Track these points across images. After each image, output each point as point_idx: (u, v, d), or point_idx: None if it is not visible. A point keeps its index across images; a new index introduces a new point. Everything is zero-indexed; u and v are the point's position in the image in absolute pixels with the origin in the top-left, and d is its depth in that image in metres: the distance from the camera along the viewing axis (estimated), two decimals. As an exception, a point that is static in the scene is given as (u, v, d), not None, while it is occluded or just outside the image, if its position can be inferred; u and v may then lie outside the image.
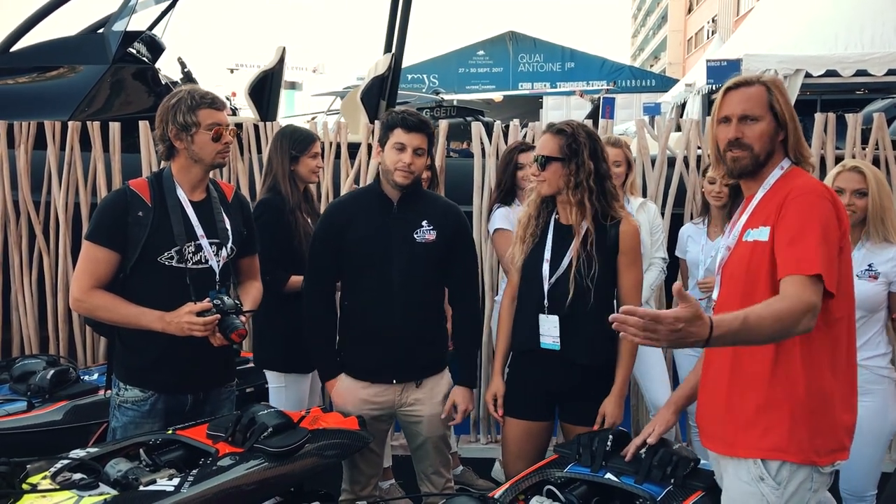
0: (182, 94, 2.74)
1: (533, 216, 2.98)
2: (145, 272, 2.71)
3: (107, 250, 2.69)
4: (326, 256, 3.02)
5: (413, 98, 16.07)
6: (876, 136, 4.59)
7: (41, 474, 2.27)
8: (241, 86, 7.04)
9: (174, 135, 2.73)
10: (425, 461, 3.14)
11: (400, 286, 2.92)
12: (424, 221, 2.98)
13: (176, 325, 2.62)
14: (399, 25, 6.36)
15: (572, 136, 2.85)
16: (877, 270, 3.10)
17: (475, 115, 13.33)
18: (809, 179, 2.15)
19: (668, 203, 4.66)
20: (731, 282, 2.22)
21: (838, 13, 10.48)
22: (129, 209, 2.70)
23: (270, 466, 2.45)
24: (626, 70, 24.88)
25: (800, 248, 1.98)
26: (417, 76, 23.03)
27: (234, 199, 2.97)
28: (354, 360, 3.06)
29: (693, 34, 45.72)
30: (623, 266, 2.89)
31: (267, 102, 6.48)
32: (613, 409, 2.84)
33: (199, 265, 2.76)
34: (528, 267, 2.95)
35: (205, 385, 2.86)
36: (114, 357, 2.88)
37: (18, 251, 4.92)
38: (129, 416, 2.75)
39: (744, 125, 2.17)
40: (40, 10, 5.78)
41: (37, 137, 4.92)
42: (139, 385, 2.76)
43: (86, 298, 2.69)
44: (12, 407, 3.34)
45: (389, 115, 2.97)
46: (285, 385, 3.51)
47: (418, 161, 2.93)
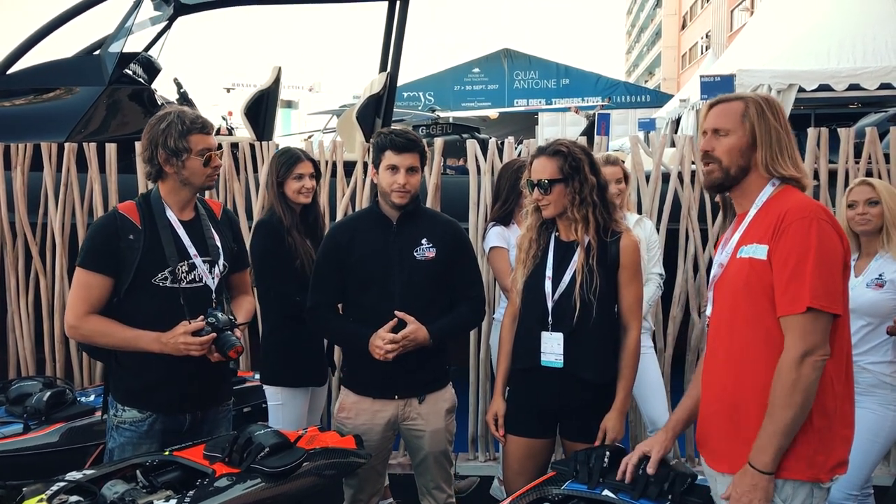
0: (171, 119, 2.71)
1: (534, 239, 2.99)
2: (140, 295, 2.70)
3: (100, 276, 2.68)
4: (330, 275, 3.05)
5: (409, 115, 16.15)
6: (868, 150, 4.61)
7: (37, 497, 2.26)
8: (238, 105, 7.07)
9: (164, 159, 2.72)
10: (426, 476, 3.15)
11: (401, 304, 2.94)
12: (424, 239, 3.01)
13: (172, 345, 2.62)
14: (394, 44, 6.40)
15: (570, 155, 2.87)
16: (884, 279, 3.17)
17: (471, 132, 13.38)
18: (803, 199, 2.15)
19: (663, 218, 4.67)
20: (726, 299, 2.22)
21: (831, 28, 10.56)
22: (120, 233, 2.69)
23: (267, 486, 2.44)
24: (620, 86, 25.02)
25: (794, 285, 2.03)
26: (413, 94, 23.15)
27: (222, 215, 2.99)
28: (357, 375, 3.08)
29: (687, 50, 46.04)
30: (624, 281, 2.90)
31: (263, 122, 6.51)
32: (615, 425, 2.84)
33: (194, 284, 2.77)
34: (530, 286, 2.96)
35: (202, 405, 2.86)
36: (110, 379, 2.86)
37: (15, 272, 4.92)
38: (127, 436, 2.74)
39: (714, 139, 2.21)
40: (37, 32, 5.80)
41: (33, 159, 4.93)
42: (137, 406, 2.75)
43: (81, 325, 2.69)
44: (8, 429, 3.33)
45: (379, 137, 2.99)
46: (282, 402, 3.51)
47: (412, 179, 2.96)
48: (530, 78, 24.78)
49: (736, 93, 2.30)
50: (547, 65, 25.16)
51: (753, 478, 2.06)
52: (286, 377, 3.50)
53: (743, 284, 2.14)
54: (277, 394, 3.51)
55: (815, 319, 2.02)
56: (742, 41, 14.02)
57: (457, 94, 24.23)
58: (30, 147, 4.93)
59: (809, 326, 2.02)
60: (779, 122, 2.19)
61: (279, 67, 6.72)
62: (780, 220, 2.08)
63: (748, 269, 2.13)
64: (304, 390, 3.54)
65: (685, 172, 4.70)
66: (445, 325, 3.03)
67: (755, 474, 2.06)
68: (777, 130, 2.18)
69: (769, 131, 2.17)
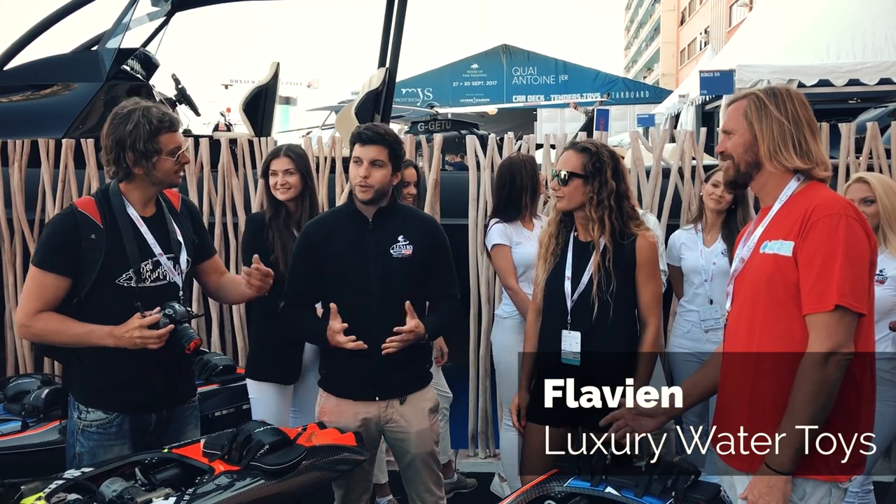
0: (138, 119, 2.58)
1: (553, 235, 3.05)
2: (103, 295, 2.59)
3: (56, 276, 2.56)
4: (305, 273, 3.02)
5: (408, 112, 16.12)
6: (869, 145, 4.61)
7: (36, 495, 2.26)
8: (236, 101, 7.04)
9: (133, 161, 2.60)
10: (416, 480, 3.10)
11: (378, 302, 2.91)
12: (400, 236, 2.97)
13: (127, 339, 2.52)
14: (393, 40, 6.37)
15: (596, 155, 2.93)
16: (885, 275, 3.16)
17: (470, 128, 13.32)
18: (831, 196, 2.12)
19: (663, 214, 4.66)
20: (747, 294, 2.20)
21: (830, 23, 10.54)
22: (81, 232, 2.57)
23: (267, 484, 2.43)
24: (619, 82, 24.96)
25: (821, 283, 2.01)
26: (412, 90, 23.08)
27: (181, 206, 2.88)
28: (336, 378, 3.04)
29: (686, 45, 46.03)
30: (641, 280, 2.95)
31: (261, 118, 6.49)
32: None
33: (159, 282, 2.68)
34: (550, 285, 3.02)
35: (167, 402, 2.77)
36: (72, 380, 2.74)
37: (13, 269, 4.91)
38: (96, 439, 2.65)
39: (726, 139, 2.24)
40: (34, 28, 5.78)
41: (31, 155, 4.92)
42: (102, 407, 2.65)
43: (32, 323, 2.57)
44: (7, 427, 3.31)
45: (353, 132, 2.97)
46: (257, 396, 3.51)
47: (376, 174, 2.89)
48: (529, 74, 24.71)
49: (746, 90, 2.29)
50: (546, 61, 25.10)
51: (771, 479, 2.04)
52: (258, 372, 3.53)
53: (765, 280, 2.12)
54: (253, 387, 3.53)
55: (841, 318, 1.99)
56: (741, 37, 14.00)
57: (455, 90, 24.16)
58: (27, 143, 4.92)
59: (835, 325, 1.99)
60: (784, 114, 2.15)
61: (277, 63, 6.70)
62: (807, 216, 2.05)
63: (772, 266, 2.10)
64: (277, 386, 3.52)
65: (685, 168, 4.69)
66: (437, 323, 3.03)
67: (772, 475, 2.04)
68: (780, 123, 2.15)
69: (770, 125, 2.15)
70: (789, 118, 2.16)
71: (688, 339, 3.91)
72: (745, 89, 2.42)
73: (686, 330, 3.93)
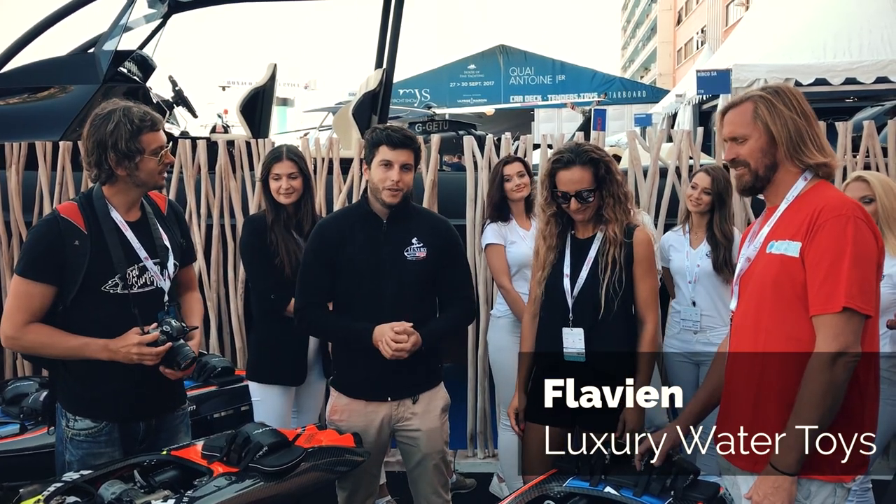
0: (119, 118, 2.51)
1: (550, 233, 3.04)
2: (89, 302, 2.54)
3: (41, 285, 2.50)
4: (319, 272, 2.98)
5: (405, 112, 16.12)
6: (866, 143, 4.61)
7: (34, 498, 2.25)
8: (233, 103, 7.04)
9: (115, 162, 2.53)
10: (423, 481, 3.07)
11: (391, 304, 2.89)
12: (415, 239, 2.95)
13: (124, 354, 2.49)
14: (390, 41, 6.38)
15: (599, 161, 2.92)
16: (883, 274, 3.14)
17: (467, 128, 13.34)
18: (838, 197, 2.11)
19: (660, 214, 4.67)
20: (753, 294, 2.19)
21: (827, 22, 10.56)
22: (65, 239, 2.51)
23: (266, 485, 2.43)
24: (616, 82, 24.96)
25: (829, 284, 2.00)
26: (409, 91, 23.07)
27: (168, 210, 2.82)
28: (348, 378, 3.03)
29: (682, 45, 46.02)
30: (639, 275, 2.96)
31: (259, 119, 6.49)
32: (633, 417, 2.82)
33: (146, 288, 2.63)
34: (550, 282, 3.02)
35: (156, 411, 2.73)
36: (58, 388, 2.68)
37: (10, 272, 4.89)
38: (85, 447, 2.60)
39: (735, 147, 2.19)
40: (31, 30, 5.78)
41: (28, 158, 4.91)
42: (90, 416, 2.59)
43: (21, 336, 2.51)
44: (5, 430, 3.31)
45: (373, 132, 2.92)
46: (260, 399, 3.50)
47: (406, 177, 2.89)
48: (526, 74, 24.71)
49: (743, 94, 2.26)
50: (543, 61, 25.09)
51: (776, 479, 2.03)
52: (262, 374, 3.50)
53: (772, 280, 2.11)
54: (256, 390, 3.52)
55: (849, 320, 1.99)
56: (738, 36, 14.04)
57: (452, 90, 24.15)
58: (24, 146, 4.91)
59: (843, 326, 1.98)
60: (795, 111, 2.13)
61: (274, 64, 6.70)
62: (815, 217, 2.04)
63: (778, 266, 2.09)
64: (281, 388, 3.50)
65: (682, 167, 4.69)
66: (438, 329, 3.00)
67: (777, 475, 2.03)
68: (794, 120, 2.12)
69: (786, 124, 2.12)
70: (800, 114, 2.14)
71: (678, 339, 3.93)
72: (741, 88, 2.41)
73: (676, 331, 3.95)
